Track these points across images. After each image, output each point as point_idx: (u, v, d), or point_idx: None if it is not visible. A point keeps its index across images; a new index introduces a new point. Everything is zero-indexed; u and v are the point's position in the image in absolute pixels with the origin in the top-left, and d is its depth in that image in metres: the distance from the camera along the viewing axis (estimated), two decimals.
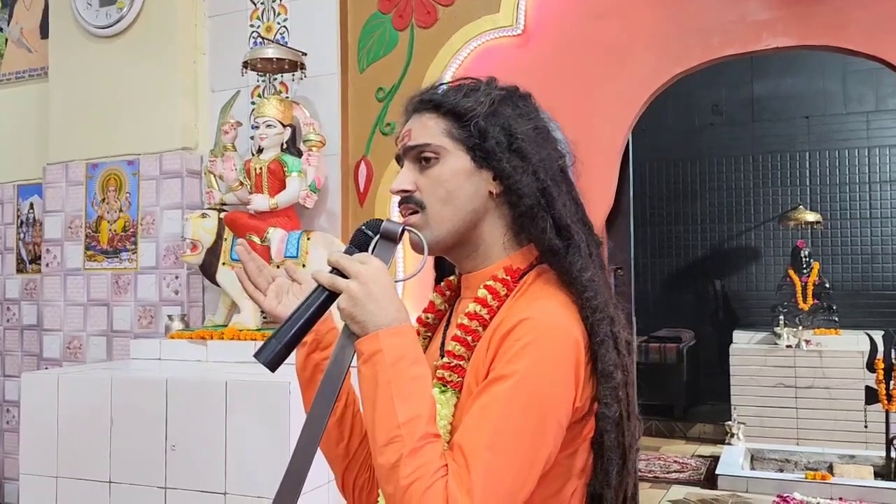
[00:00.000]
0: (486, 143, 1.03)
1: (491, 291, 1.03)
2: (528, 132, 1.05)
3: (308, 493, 2.21)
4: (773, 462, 5.51)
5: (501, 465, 0.87)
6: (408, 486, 0.86)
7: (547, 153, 1.06)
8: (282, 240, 2.77)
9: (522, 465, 0.89)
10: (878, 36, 2.61)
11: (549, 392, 0.91)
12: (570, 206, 1.05)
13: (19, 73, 3.86)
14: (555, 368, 0.92)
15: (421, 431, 0.89)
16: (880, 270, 6.75)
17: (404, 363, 0.93)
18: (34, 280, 3.72)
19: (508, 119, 1.05)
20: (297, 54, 2.93)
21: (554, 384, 0.92)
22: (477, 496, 0.85)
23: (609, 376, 0.95)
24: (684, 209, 7.43)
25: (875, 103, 6.77)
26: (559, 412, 0.92)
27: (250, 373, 2.47)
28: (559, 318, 0.96)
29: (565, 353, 0.93)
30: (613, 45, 2.81)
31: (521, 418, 0.89)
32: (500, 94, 1.07)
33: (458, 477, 0.86)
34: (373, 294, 0.96)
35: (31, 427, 2.60)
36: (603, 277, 1.04)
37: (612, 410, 0.95)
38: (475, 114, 1.03)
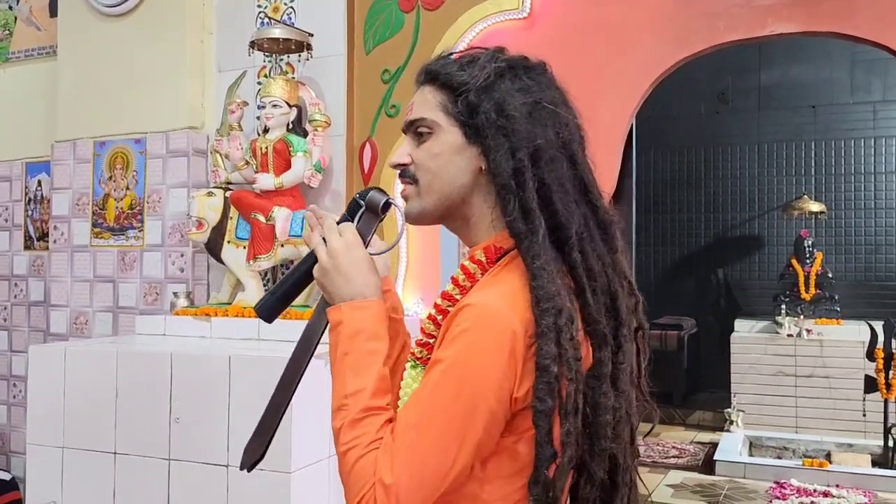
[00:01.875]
0: (475, 118, 1.02)
1: (465, 271, 1.03)
2: (520, 108, 1.01)
3: (308, 466, 2.26)
4: (771, 449, 5.55)
5: (424, 445, 0.91)
6: (345, 452, 0.94)
7: (540, 131, 1.01)
8: (286, 219, 2.80)
9: (447, 447, 0.91)
10: (884, 23, 2.62)
11: (478, 379, 0.91)
12: (555, 189, 1.00)
13: (28, 51, 3.88)
14: (485, 356, 0.92)
15: (363, 404, 0.96)
16: (884, 261, 6.76)
17: (361, 337, 1.00)
18: (41, 257, 3.76)
19: (503, 94, 1.02)
20: (304, 35, 2.95)
21: (484, 372, 0.91)
22: (397, 471, 0.90)
23: (544, 370, 0.91)
24: (688, 197, 7.43)
25: (882, 93, 6.76)
26: (489, 400, 0.91)
27: (253, 349, 2.51)
28: (501, 306, 0.94)
29: (498, 342, 0.92)
30: (618, 30, 2.82)
31: (448, 402, 0.92)
32: (500, 67, 1.04)
33: (387, 451, 0.92)
34: (340, 267, 1.02)
35: (38, 399, 2.64)
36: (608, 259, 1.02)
37: (545, 405, 0.91)
38: (467, 88, 1.02)
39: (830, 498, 4.42)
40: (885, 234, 6.76)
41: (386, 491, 0.90)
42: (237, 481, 2.28)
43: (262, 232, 2.82)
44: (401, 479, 0.90)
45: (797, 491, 4.55)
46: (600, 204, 1.03)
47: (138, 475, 2.43)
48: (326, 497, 2.36)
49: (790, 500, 4.38)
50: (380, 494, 0.90)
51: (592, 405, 0.96)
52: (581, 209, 1.01)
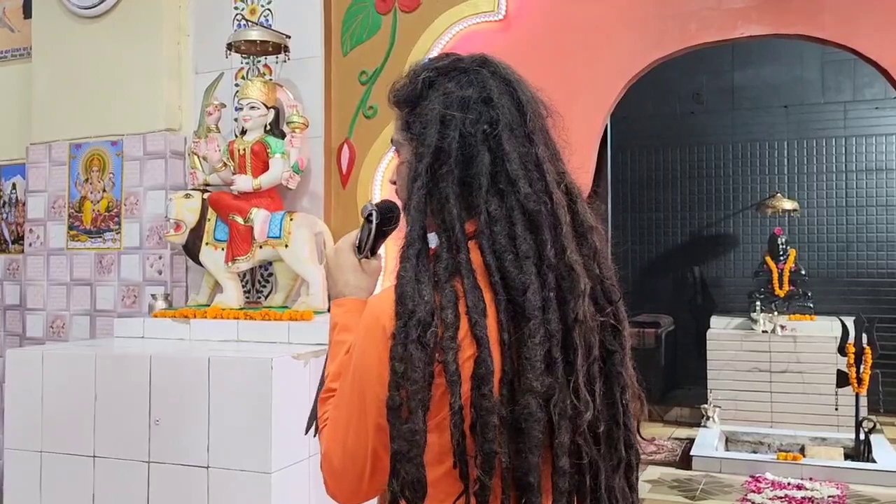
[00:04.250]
0: (410, 132, 1.07)
1: None
2: (434, 116, 1.03)
3: (288, 467, 2.27)
4: (746, 444, 5.63)
5: (339, 423, 1.04)
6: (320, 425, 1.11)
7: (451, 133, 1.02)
8: (265, 220, 2.80)
9: (356, 426, 1.02)
10: (851, 26, 2.68)
11: (361, 368, 1.02)
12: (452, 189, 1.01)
13: (2, 52, 3.85)
14: (364, 349, 1.02)
15: (326, 386, 1.13)
16: (855, 258, 6.88)
17: (335, 330, 1.17)
18: (17, 260, 3.73)
19: (426, 105, 1.05)
20: (281, 37, 2.96)
21: (365, 362, 1.01)
22: (327, 442, 1.06)
23: (392, 369, 0.95)
24: (664, 196, 7.52)
25: (852, 93, 6.88)
26: (375, 387, 0.99)
27: (233, 350, 2.52)
28: (377, 303, 1.03)
29: (373, 335, 1.00)
30: (592, 31, 2.86)
31: (348, 387, 1.04)
32: (429, 78, 1.07)
33: (329, 426, 1.07)
34: (329, 271, 1.24)
35: (16, 403, 2.63)
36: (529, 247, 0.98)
37: (393, 402, 0.94)
38: (404, 105, 1.10)
39: (804, 491, 4.50)
40: (857, 231, 6.88)
41: (323, 458, 1.06)
42: (217, 482, 2.29)
43: (240, 233, 2.83)
44: (330, 449, 1.05)
45: (772, 484, 4.62)
46: (524, 193, 1.00)
47: (118, 478, 2.43)
48: (307, 497, 2.37)
49: (765, 494, 4.46)
50: (323, 460, 1.06)
51: (475, 406, 0.94)
52: (505, 201, 1.00)
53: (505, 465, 0.94)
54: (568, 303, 0.98)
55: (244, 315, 2.76)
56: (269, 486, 2.21)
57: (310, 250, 2.80)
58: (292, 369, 2.33)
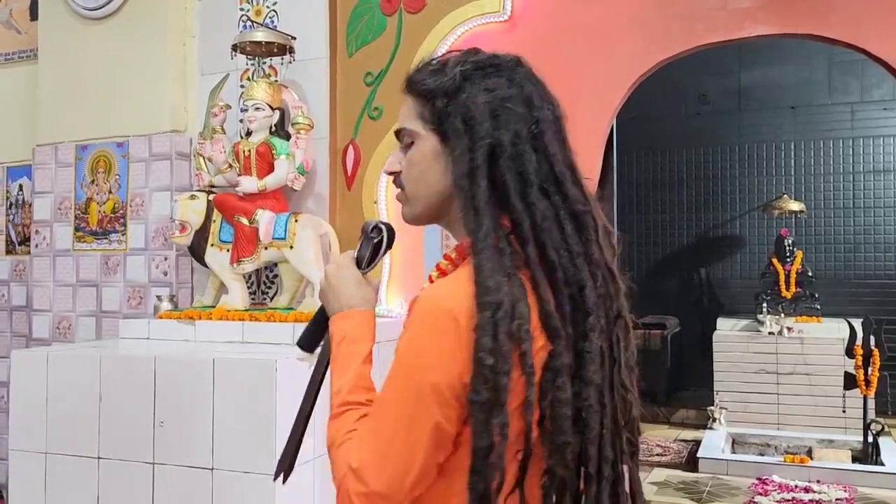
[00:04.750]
0: (444, 124, 1.06)
1: (439, 269, 1.09)
2: (482, 108, 1.03)
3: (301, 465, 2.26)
4: (753, 446, 5.61)
5: (384, 430, 0.97)
6: (330, 444, 1.03)
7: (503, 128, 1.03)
8: (270, 222, 2.80)
9: (404, 432, 0.95)
10: (859, 25, 2.67)
11: (422, 364, 0.96)
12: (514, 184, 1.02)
13: (8, 54, 3.86)
14: (428, 341, 0.96)
15: (341, 400, 1.05)
16: (862, 259, 6.85)
17: (344, 343, 1.11)
18: (23, 261, 3.74)
19: (469, 96, 1.04)
20: (287, 38, 2.95)
21: (427, 356, 0.96)
22: (362, 455, 0.97)
23: (479, 362, 0.93)
24: (670, 198, 7.50)
25: (860, 94, 6.85)
26: (436, 382, 0.94)
27: (237, 352, 2.52)
28: (442, 295, 0.99)
29: (440, 327, 0.96)
30: (597, 32, 2.85)
31: (399, 388, 0.97)
32: (465, 70, 1.06)
33: (356, 440, 0.99)
34: (331, 286, 1.17)
35: (21, 404, 2.63)
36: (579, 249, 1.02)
37: (479, 396, 0.93)
38: (435, 95, 1.06)
39: (811, 493, 4.48)
40: (864, 232, 6.85)
41: (354, 474, 0.96)
42: (222, 484, 2.28)
43: (245, 235, 2.83)
44: (365, 463, 0.96)
45: (779, 487, 4.60)
46: (571, 194, 1.03)
47: (122, 480, 2.43)
48: (311, 499, 2.37)
49: (772, 496, 4.43)
50: (350, 479, 0.96)
51: (550, 399, 0.96)
52: (551, 200, 1.02)
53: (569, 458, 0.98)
54: (611, 300, 1.04)
55: (249, 316, 2.76)
56: (274, 487, 2.21)
57: (315, 251, 2.79)
58: (297, 371, 2.32)
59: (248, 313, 2.79)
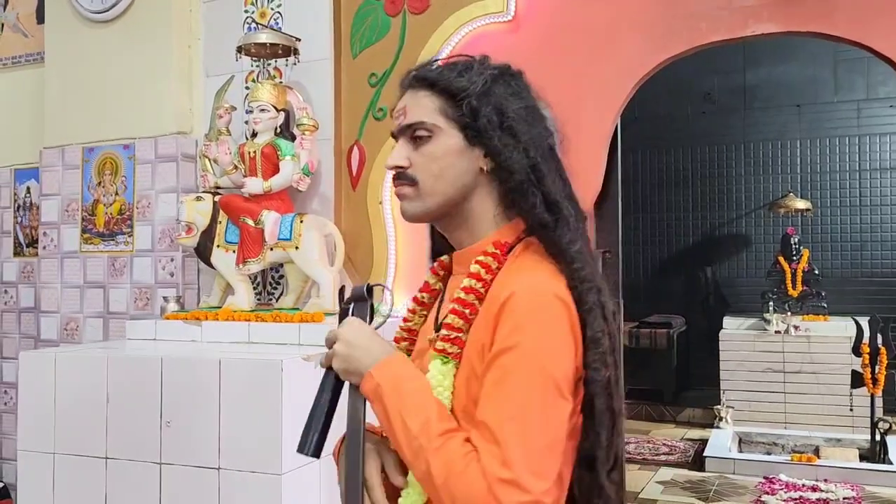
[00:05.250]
0: (477, 121, 1.07)
1: (483, 266, 1.07)
2: (518, 111, 1.08)
3: (299, 468, 2.27)
4: (760, 445, 5.59)
5: (528, 429, 0.94)
6: (444, 481, 0.93)
7: (537, 131, 1.09)
8: (275, 222, 2.81)
9: (546, 423, 0.95)
10: (863, 22, 2.66)
11: (553, 356, 0.97)
12: (558, 182, 1.09)
13: (16, 57, 3.88)
14: (551, 331, 0.98)
15: (436, 431, 0.96)
16: (869, 257, 6.83)
17: (403, 383, 1.02)
18: (31, 263, 3.76)
19: (500, 98, 1.08)
20: (291, 39, 2.97)
21: (556, 348, 0.98)
22: (516, 464, 0.91)
23: (597, 342, 0.99)
24: (676, 196, 7.48)
25: (866, 91, 6.82)
26: (565, 368, 0.98)
27: (244, 352, 2.53)
28: (547, 285, 1.01)
29: (559, 315, 0.99)
30: (601, 31, 2.85)
31: (537, 385, 0.95)
32: (493, 73, 1.10)
33: (490, 453, 0.93)
34: (354, 345, 1.06)
35: (29, 405, 2.64)
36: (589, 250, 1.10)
37: (601, 375, 0.99)
38: (468, 93, 1.08)
39: (819, 492, 4.46)
40: (871, 230, 6.83)
41: (508, 485, 0.91)
42: (229, 484, 2.29)
43: (251, 236, 2.84)
44: (519, 470, 0.91)
45: (786, 486, 4.59)
46: (577, 199, 1.12)
47: (130, 479, 2.44)
48: (317, 499, 2.38)
49: (779, 495, 4.42)
50: (502, 492, 0.90)
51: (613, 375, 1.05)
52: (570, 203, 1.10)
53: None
54: None
55: (255, 317, 2.77)
56: (280, 487, 2.22)
57: (320, 252, 2.80)
58: (303, 370, 2.33)
59: (253, 314, 2.80)
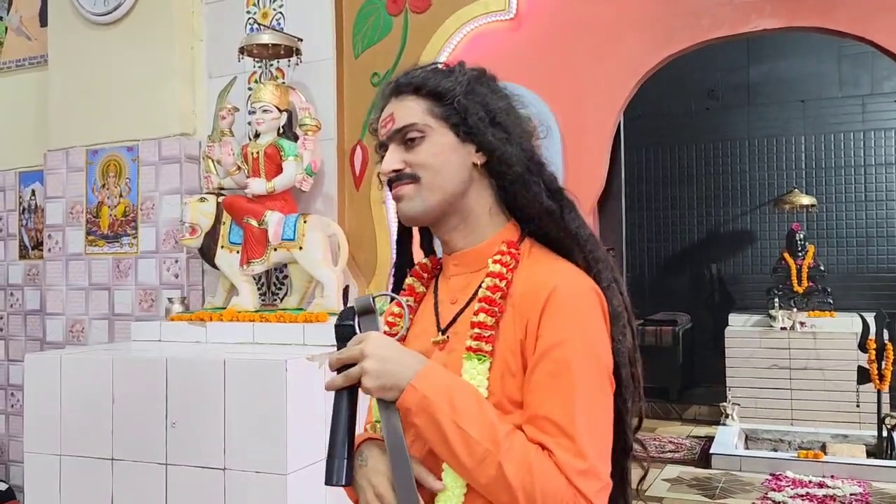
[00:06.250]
0: (468, 118, 1.11)
1: (504, 265, 1.10)
2: (502, 108, 1.14)
3: (304, 468, 2.28)
4: (767, 442, 5.58)
5: (594, 419, 1.01)
6: (522, 481, 0.95)
7: (522, 128, 1.16)
8: (279, 223, 2.82)
9: (606, 410, 1.04)
10: (866, 17, 2.65)
11: (600, 343, 1.05)
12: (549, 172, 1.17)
13: (19, 60, 3.90)
14: (596, 322, 1.05)
15: (503, 433, 0.97)
16: (875, 253, 6.81)
17: (454, 392, 0.99)
18: (36, 265, 3.77)
19: (485, 97, 1.13)
20: (293, 40, 2.97)
21: (599, 335, 1.05)
22: (590, 454, 0.97)
23: (618, 316, 1.07)
24: (680, 193, 7.47)
25: (870, 86, 6.80)
26: (608, 355, 1.06)
27: (248, 352, 2.53)
28: (584, 279, 1.08)
29: (597, 306, 1.06)
30: (603, 29, 2.85)
31: (591, 374, 1.02)
32: (473, 75, 1.16)
33: (562, 447, 0.96)
34: (387, 358, 1.01)
35: (35, 407, 2.65)
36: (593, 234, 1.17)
37: (625, 345, 1.07)
38: (454, 93, 1.11)
39: (825, 489, 4.45)
40: (876, 226, 6.81)
41: (587, 476, 0.97)
42: (234, 484, 2.30)
43: (254, 236, 2.84)
44: (593, 459, 0.98)
45: (793, 482, 4.58)
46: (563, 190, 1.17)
47: (136, 481, 2.45)
48: (323, 498, 2.38)
49: (786, 492, 4.41)
50: (583, 484, 0.96)
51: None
52: None
53: None
54: None
55: (259, 317, 2.78)
56: (285, 487, 2.22)
57: (323, 252, 2.81)
58: (307, 371, 2.34)
59: (258, 314, 2.80)
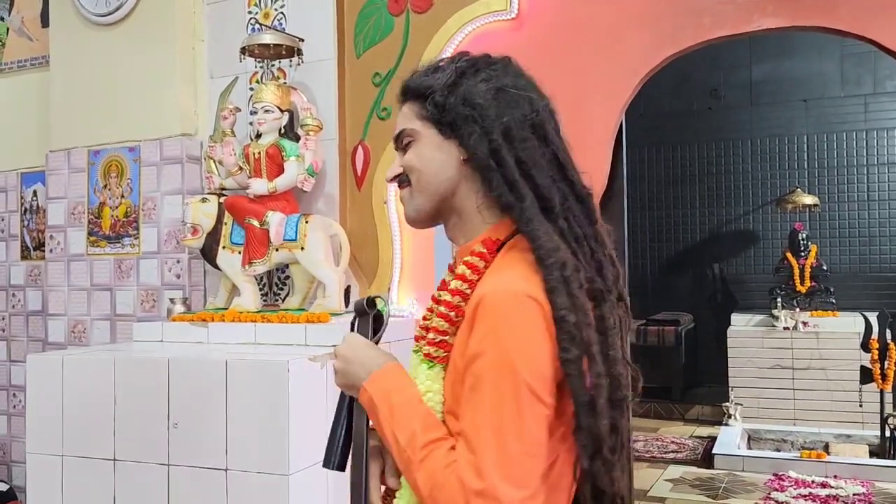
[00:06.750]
0: (444, 114, 1.10)
1: (469, 266, 1.07)
2: (484, 94, 1.08)
3: (307, 469, 2.27)
4: (769, 442, 5.58)
5: (502, 436, 0.93)
6: (428, 493, 0.96)
7: (507, 112, 1.07)
8: (280, 223, 2.81)
9: (521, 429, 0.93)
10: (868, 16, 2.64)
11: (523, 356, 0.94)
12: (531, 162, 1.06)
13: (21, 61, 3.90)
14: (522, 332, 0.96)
15: (420, 443, 0.99)
16: (878, 252, 6.79)
17: (392, 396, 1.06)
18: (38, 266, 3.77)
19: (468, 87, 1.09)
20: (295, 40, 2.96)
21: (525, 347, 0.95)
22: (489, 473, 0.91)
23: (562, 320, 0.95)
24: (683, 193, 7.46)
25: (873, 86, 6.79)
26: (540, 370, 0.95)
27: (250, 353, 2.53)
28: (519, 285, 0.98)
29: (526, 313, 0.96)
30: (605, 28, 2.84)
31: (503, 388, 0.94)
32: (461, 67, 1.12)
33: (467, 462, 0.94)
34: (349, 360, 1.12)
35: (37, 408, 2.65)
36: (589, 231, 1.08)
37: (570, 353, 0.94)
38: (432, 90, 1.11)
39: (828, 489, 4.44)
40: (879, 225, 6.79)
41: (481, 495, 0.91)
42: (236, 485, 2.30)
43: (256, 237, 2.84)
44: (492, 479, 0.91)
45: (795, 483, 4.57)
46: (577, 179, 1.09)
47: (138, 481, 2.44)
48: (325, 499, 2.38)
49: (788, 492, 4.41)
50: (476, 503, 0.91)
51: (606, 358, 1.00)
52: (558, 185, 1.07)
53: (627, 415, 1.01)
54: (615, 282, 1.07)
55: (261, 318, 2.77)
56: (288, 487, 2.22)
57: (325, 252, 2.80)
58: (309, 371, 2.33)
59: (260, 315, 2.80)
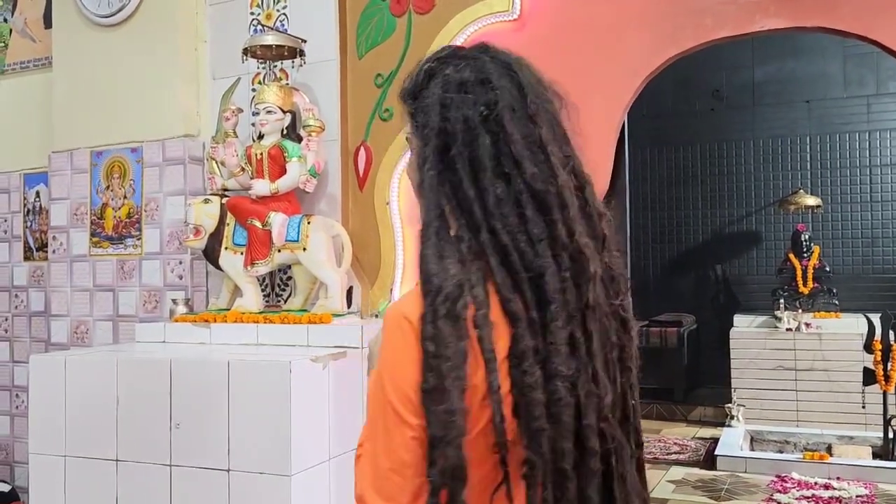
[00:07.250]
0: (415, 121, 1.07)
1: None
2: (434, 101, 1.03)
3: (309, 469, 2.27)
4: (772, 443, 5.57)
5: (374, 451, 0.97)
6: None
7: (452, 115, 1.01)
8: (283, 224, 2.81)
9: (388, 446, 0.95)
10: (870, 17, 2.64)
11: (389, 375, 0.96)
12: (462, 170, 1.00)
13: (24, 62, 3.91)
14: (391, 352, 0.97)
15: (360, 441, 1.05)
16: (881, 254, 6.78)
17: None
18: (41, 267, 3.78)
19: (429, 92, 1.05)
20: (297, 41, 2.97)
21: (391, 367, 0.97)
22: (364, 481, 0.97)
23: (424, 350, 0.92)
24: (685, 194, 7.46)
25: (875, 87, 6.78)
26: (404, 390, 0.94)
27: (252, 354, 2.53)
28: (404, 305, 0.98)
29: (400, 335, 0.96)
30: (607, 29, 2.84)
31: (374, 407, 0.98)
32: (430, 67, 1.07)
33: (358, 466, 1.01)
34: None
35: (40, 408, 2.65)
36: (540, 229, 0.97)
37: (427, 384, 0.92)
38: (405, 98, 1.09)
39: (831, 490, 4.44)
40: (882, 226, 6.78)
41: (359, 500, 0.97)
42: (238, 485, 2.30)
43: (258, 237, 2.84)
44: (366, 488, 0.96)
45: (798, 484, 4.56)
46: (530, 174, 0.98)
47: (140, 482, 2.45)
48: (327, 499, 2.38)
49: (791, 494, 4.40)
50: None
51: (518, 385, 0.92)
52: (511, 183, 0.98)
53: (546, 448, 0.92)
54: (581, 286, 0.96)
55: (264, 319, 2.77)
56: (290, 488, 2.22)
57: (327, 253, 2.80)
58: (311, 372, 2.34)
59: (262, 315, 2.80)
